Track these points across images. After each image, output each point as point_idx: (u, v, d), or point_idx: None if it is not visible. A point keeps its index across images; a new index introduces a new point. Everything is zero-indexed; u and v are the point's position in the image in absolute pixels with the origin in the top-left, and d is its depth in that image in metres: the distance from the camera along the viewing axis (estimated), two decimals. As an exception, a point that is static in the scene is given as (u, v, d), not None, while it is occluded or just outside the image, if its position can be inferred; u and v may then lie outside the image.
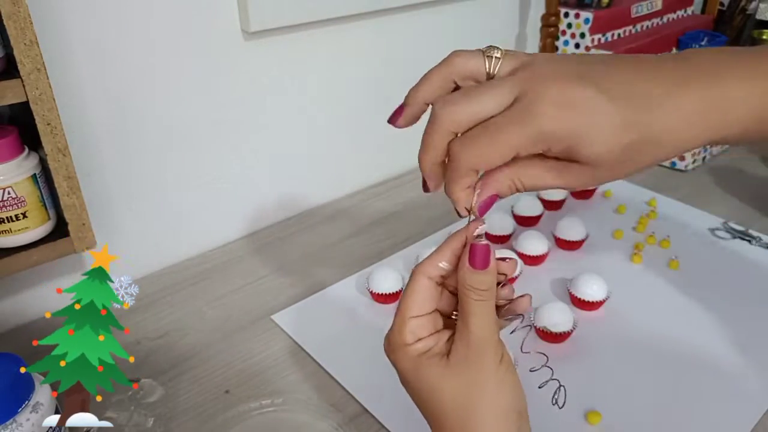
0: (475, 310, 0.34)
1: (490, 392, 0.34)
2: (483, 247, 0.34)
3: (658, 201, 0.82)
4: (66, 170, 0.51)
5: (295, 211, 0.83)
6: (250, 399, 0.52)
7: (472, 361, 0.34)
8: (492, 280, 0.34)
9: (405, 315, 0.35)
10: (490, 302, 0.34)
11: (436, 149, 0.36)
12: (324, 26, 0.75)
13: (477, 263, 0.34)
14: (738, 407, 0.51)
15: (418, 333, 0.35)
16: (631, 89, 0.31)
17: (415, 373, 0.35)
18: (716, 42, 1.10)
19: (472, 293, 0.34)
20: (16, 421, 0.39)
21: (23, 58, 0.46)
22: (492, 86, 0.33)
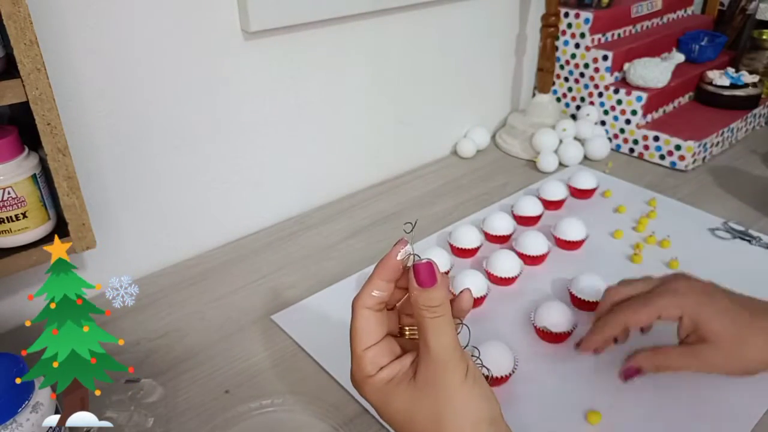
0: (431, 327, 0.34)
1: (458, 407, 0.34)
2: (426, 264, 0.34)
3: (658, 201, 0.82)
4: (66, 170, 0.51)
5: (295, 211, 0.83)
6: (250, 399, 0.52)
7: (438, 379, 0.34)
8: (443, 295, 0.34)
9: (358, 349, 0.36)
10: (445, 317, 0.34)
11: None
12: (324, 26, 0.75)
13: (423, 281, 0.34)
14: (738, 407, 0.51)
15: (377, 362, 0.36)
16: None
17: (386, 401, 0.36)
18: (716, 42, 1.10)
19: (425, 312, 0.34)
20: (16, 421, 0.39)
21: (23, 58, 0.46)
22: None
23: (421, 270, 0.34)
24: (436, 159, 0.98)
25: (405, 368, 0.36)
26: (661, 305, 0.49)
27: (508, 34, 1.01)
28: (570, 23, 1.00)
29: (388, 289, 0.36)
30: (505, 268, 0.65)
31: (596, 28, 0.99)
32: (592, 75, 1.00)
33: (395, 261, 0.36)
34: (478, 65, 0.98)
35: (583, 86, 1.02)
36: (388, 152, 0.92)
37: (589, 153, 0.96)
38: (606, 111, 1.00)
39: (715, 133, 0.95)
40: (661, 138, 0.94)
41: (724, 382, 0.53)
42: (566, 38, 1.02)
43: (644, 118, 0.97)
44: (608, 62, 0.98)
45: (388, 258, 0.36)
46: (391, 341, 0.38)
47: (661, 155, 0.94)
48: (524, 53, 1.05)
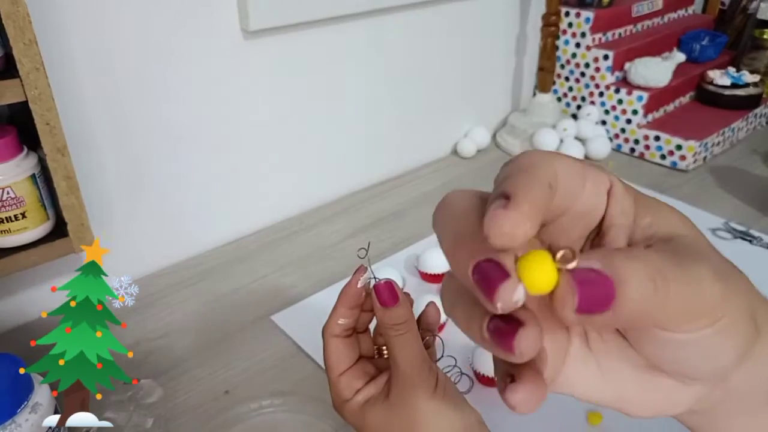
0: (397, 344, 0.35)
1: (430, 421, 0.34)
2: (385, 285, 0.35)
3: (659, 201, 0.82)
4: (65, 170, 0.51)
5: (295, 211, 0.82)
6: (249, 399, 0.51)
7: (408, 395, 0.35)
8: (405, 313, 0.35)
9: (332, 376, 0.37)
10: (410, 334, 0.35)
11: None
12: (323, 25, 0.75)
13: (385, 301, 0.35)
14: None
15: (353, 385, 0.37)
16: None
17: (364, 423, 0.36)
18: (717, 41, 1.10)
19: (390, 330, 0.35)
20: (15, 422, 0.39)
21: (22, 57, 0.46)
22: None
23: (381, 290, 0.35)
24: (436, 159, 0.98)
25: (380, 388, 0.37)
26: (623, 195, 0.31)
27: (509, 34, 1.01)
28: (571, 22, 1.00)
29: (352, 316, 0.37)
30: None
31: (597, 28, 0.99)
32: (592, 74, 1.00)
33: (356, 288, 0.37)
34: (478, 65, 0.98)
35: (584, 86, 1.02)
36: (388, 152, 0.91)
37: (590, 153, 0.95)
38: (607, 110, 1.00)
39: (716, 132, 0.94)
40: (662, 138, 0.93)
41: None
42: (567, 37, 1.01)
43: (645, 117, 0.96)
44: (609, 62, 0.97)
45: (348, 286, 0.37)
46: (365, 363, 0.38)
47: (662, 155, 0.94)
48: (525, 53, 1.05)
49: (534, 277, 0.18)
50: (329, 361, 0.38)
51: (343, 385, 0.37)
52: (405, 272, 0.68)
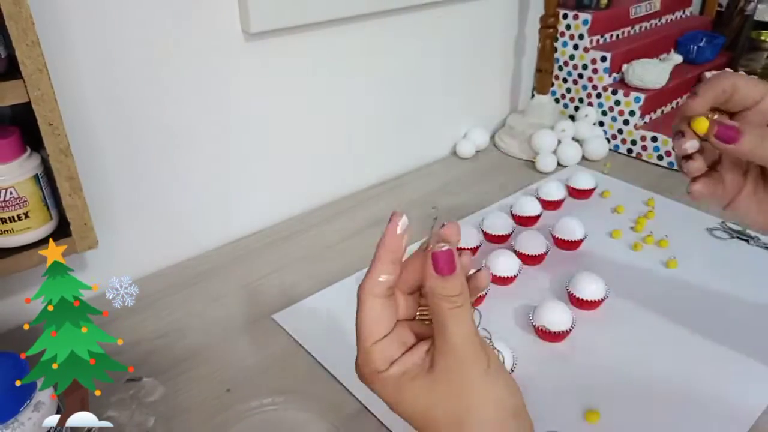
0: (450, 319, 0.31)
1: (482, 400, 0.31)
2: (445, 252, 0.31)
3: (656, 201, 0.83)
4: (68, 171, 0.51)
5: (295, 211, 0.83)
6: (250, 398, 0.52)
7: (459, 372, 0.31)
8: (462, 284, 0.31)
9: (366, 344, 0.33)
10: (464, 307, 0.31)
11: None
12: (324, 28, 0.75)
13: (442, 269, 0.31)
14: (736, 407, 0.51)
15: (388, 355, 0.33)
16: None
17: (401, 397, 0.32)
18: (714, 43, 1.10)
19: (444, 302, 0.31)
20: (18, 420, 0.39)
21: (25, 58, 0.46)
22: None
23: (439, 257, 0.31)
24: (435, 159, 0.99)
25: (419, 360, 0.33)
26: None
27: (507, 35, 1.02)
28: (569, 24, 1.00)
29: (395, 271, 0.33)
30: (504, 267, 0.65)
31: (595, 29, 0.99)
32: (590, 76, 1.00)
33: (396, 237, 0.32)
34: (477, 66, 0.98)
35: (582, 87, 1.02)
36: (388, 152, 0.92)
37: (588, 153, 0.96)
38: (604, 112, 1.00)
39: (713, 133, 0.95)
40: (659, 138, 0.94)
41: (722, 382, 0.54)
42: (565, 39, 1.02)
43: (642, 118, 0.97)
44: (607, 63, 0.98)
45: (387, 236, 0.32)
46: (402, 330, 0.34)
47: (658, 156, 0.95)
48: (523, 54, 1.05)
49: (697, 125, 0.43)
50: (364, 326, 0.33)
51: (377, 354, 0.32)
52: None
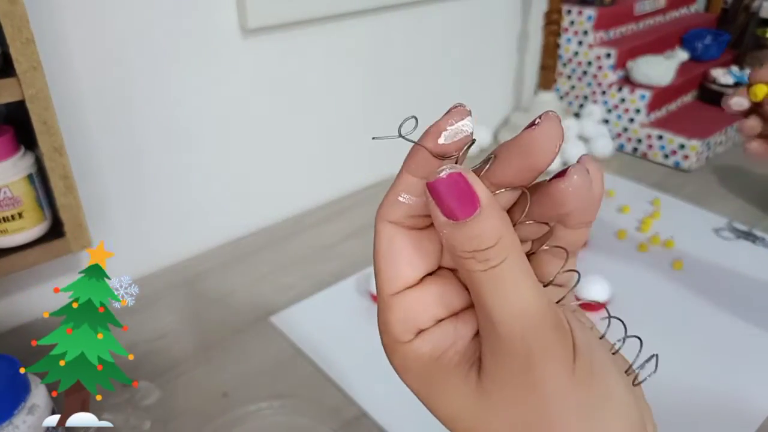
0: (488, 287, 0.19)
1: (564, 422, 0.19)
2: (453, 178, 0.18)
3: (662, 201, 0.82)
4: (62, 170, 0.50)
5: (295, 211, 0.82)
6: (248, 402, 0.51)
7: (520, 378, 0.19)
8: (495, 228, 0.18)
9: (384, 293, 0.21)
10: (510, 262, 0.18)
11: None
12: (323, 23, 0.74)
13: (452, 209, 0.18)
14: (742, 408, 0.50)
15: (415, 319, 0.21)
16: None
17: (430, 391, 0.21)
18: (720, 40, 1.09)
19: (469, 262, 0.19)
20: (12, 423, 0.39)
21: (19, 56, 0.45)
22: None
23: (441, 189, 0.18)
24: (437, 158, 0.98)
25: (463, 339, 0.21)
26: None
27: (510, 32, 1.01)
28: (573, 20, 0.99)
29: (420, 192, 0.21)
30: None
31: (599, 26, 0.98)
32: (595, 73, 0.99)
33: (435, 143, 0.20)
34: (479, 63, 0.97)
35: (586, 84, 1.01)
36: (388, 151, 0.91)
37: (593, 152, 0.95)
38: (609, 109, 0.99)
39: (719, 131, 0.94)
40: (664, 137, 0.93)
41: (727, 384, 0.53)
42: (569, 35, 1.01)
43: (648, 116, 0.96)
44: (611, 60, 0.97)
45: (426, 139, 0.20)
46: (449, 285, 0.21)
47: (664, 154, 0.94)
48: (526, 51, 1.04)
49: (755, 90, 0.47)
50: (379, 267, 0.21)
51: (399, 313, 0.21)
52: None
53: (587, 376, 0.19)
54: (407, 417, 0.49)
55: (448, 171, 0.18)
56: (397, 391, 0.36)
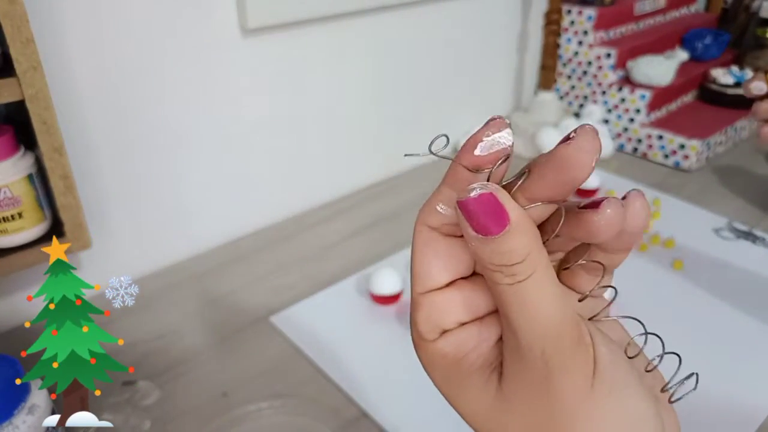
0: (512, 299, 0.19)
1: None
2: (484, 197, 0.19)
3: (662, 201, 0.82)
4: (62, 170, 0.50)
5: (295, 211, 0.82)
6: (248, 402, 0.51)
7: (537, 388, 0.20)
8: (525, 244, 0.19)
9: (414, 291, 0.23)
10: (534, 279, 0.19)
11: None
12: (323, 23, 0.74)
13: (483, 225, 0.19)
14: (742, 409, 0.50)
15: (440, 320, 0.22)
16: None
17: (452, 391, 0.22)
18: (720, 40, 1.09)
19: (497, 275, 0.19)
20: (12, 424, 0.39)
21: (19, 56, 0.45)
22: None
23: (472, 208, 0.19)
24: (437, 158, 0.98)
25: (487, 345, 0.22)
26: None
27: (511, 32, 1.01)
28: (573, 20, 0.99)
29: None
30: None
31: (599, 26, 0.98)
32: (595, 73, 0.99)
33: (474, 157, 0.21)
34: (479, 63, 0.97)
35: (587, 84, 1.01)
36: (388, 151, 0.91)
37: (592, 152, 0.95)
38: (609, 109, 0.99)
39: (719, 131, 0.94)
40: (664, 137, 0.93)
41: (727, 383, 0.53)
42: (569, 36, 1.01)
43: (648, 116, 0.96)
44: (611, 60, 0.97)
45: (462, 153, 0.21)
46: (478, 291, 0.22)
47: (664, 154, 0.94)
48: (526, 51, 1.04)
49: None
50: (414, 266, 0.22)
51: (425, 312, 0.22)
52: (405, 273, 0.68)
53: (605, 393, 0.20)
54: (407, 417, 0.49)
55: (479, 191, 0.19)
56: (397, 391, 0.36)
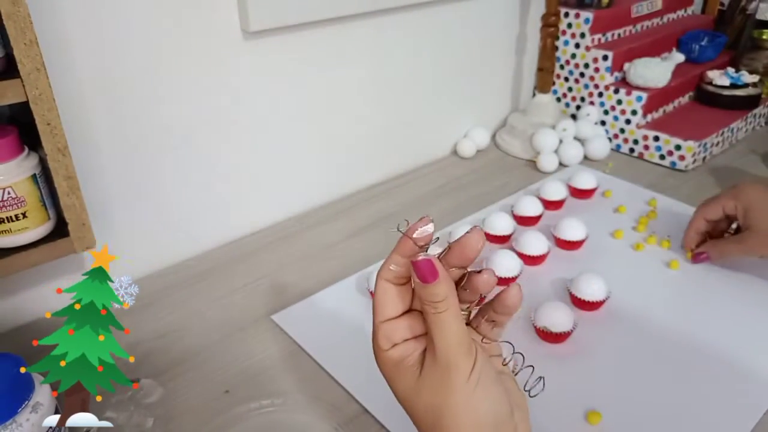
0: (435, 324, 0.33)
1: (458, 409, 0.33)
2: (425, 262, 0.33)
3: (659, 201, 0.82)
4: (66, 170, 0.51)
5: (295, 211, 0.83)
6: (249, 399, 0.51)
7: (440, 377, 0.34)
8: (445, 290, 0.33)
9: (376, 320, 0.36)
10: (449, 312, 0.33)
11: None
12: (324, 26, 0.75)
13: (423, 278, 0.33)
14: (738, 407, 0.51)
15: (392, 337, 0.36)
16: None
17: (392, 379, 0.36)
18: (716, 42, 1.10)
19: (428, 307, 0.33)
20: (15, 422, 0.39)
21: (23, 57, 0.46)
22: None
23: (420, 266, 0.33)
24: (436, 159, 0.98)
25: (417, 352, 0.36)
26: (722, 197, 0.66)
27: (508, 34, 1.01)
28: (570, 23, 1.00)
29: (405, 265, 0.35)
30: (505, 268, 0.65)
31: (596, 28, 0.99)
32: (592, 75, 1.00)
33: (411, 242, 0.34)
34: (478, 65, 0.98)
35: (583, 86, 1.02)
36: (388, 152, 0.92)
37: (589, 153, 0.96)
38: (606, 111, 1.00)
39: (715, 133, 0.94)
40: (661, 138, 0.94)
41: (724, 382, 0.53)
42: (566, 38, 1.01)
43: (644, 118, 0.97)
44: (608, 62, 0.98)
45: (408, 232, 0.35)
46: (414, 319, 0.36)
47: (661, 155, 0.94)
48: (524, 53, 1.05)
49: (688, 255, 0.70)
50: (376, 304, 0.36)
51: (382, 333, 0.36)
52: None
53: (474, 382, 0.34)
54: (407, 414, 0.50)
55: (423, 257, 0.33)
56: (398, 387, 0.37)
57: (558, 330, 0.56)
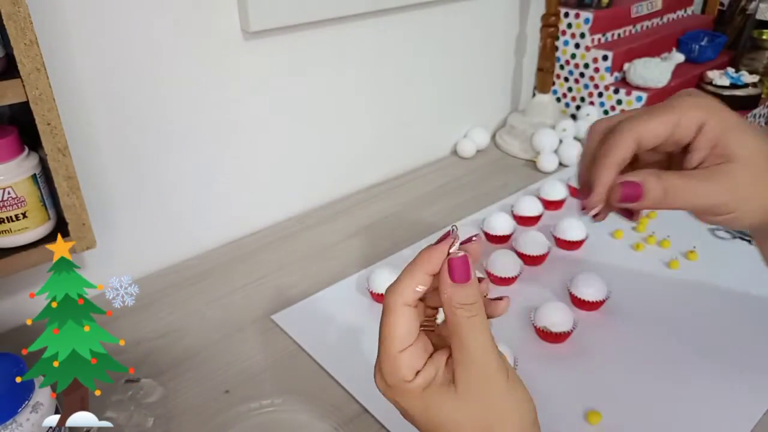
0: (469, 328, 0.31)
1: (507, 413, 0.32)
2: (462, 259, 0.31)
3: (658, 201, 0.82)
4: (66, 170, 0.51)
5: (295, 211, 0.83)
6: (249, 399, 0.51)
7: (482, 386, 0.31)
8: (477, 292, 0.31)
9: (393, 351, 0.32)
10: (480, 316, 0.31)
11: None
12: (324, 26, 0.75)
13: (459, 277, 0.31)
14: (738, 407, 0.51)
15: (414, 365, 0.32)
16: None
17: (426, 411, 0.32)
18: (716, 42, 1.10)
19: (462, 311, 0.31)
20: (16, 421, 0.39)
21: (23, 58, 0.46)
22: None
23: (456, 265, 0.31)
24: (436, 159, 0.98)
25: (440, 370, 0.32)
26: (681, 108, 0.37)
27: (508, 34, 1.01)
28: (570, 23, 1.00)
29: (429, 283, 0.32)
30: (505, 268, 0.65)
31: (596, 28, 0.99)
32: (592, 75, 1.00)
33: (443, 254, 0.32)
34: (478, 65, 0.98)
35: (583, 86, 1.02)
36: (388, 152, 0.92)
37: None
38: (606, 111, 1.00)
39: (715, 133, 0.94)
40: (661, 138, 0.93)
41: (723, 382, 0.53)
42: (566, 38, 1.02)
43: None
44: (608, 62, 0.98)
45: (434, 250, 0.32)
46: (424, 339, 0.33)
47: (661, 155, 0.94)
48: (524, 53, 1.05)
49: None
50: (393, 333, 0.32)
51: (405, 362, 0.31)
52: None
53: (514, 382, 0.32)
54: None
55: (461, 254, 0.32)
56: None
57: (558, 330, 0.56)
